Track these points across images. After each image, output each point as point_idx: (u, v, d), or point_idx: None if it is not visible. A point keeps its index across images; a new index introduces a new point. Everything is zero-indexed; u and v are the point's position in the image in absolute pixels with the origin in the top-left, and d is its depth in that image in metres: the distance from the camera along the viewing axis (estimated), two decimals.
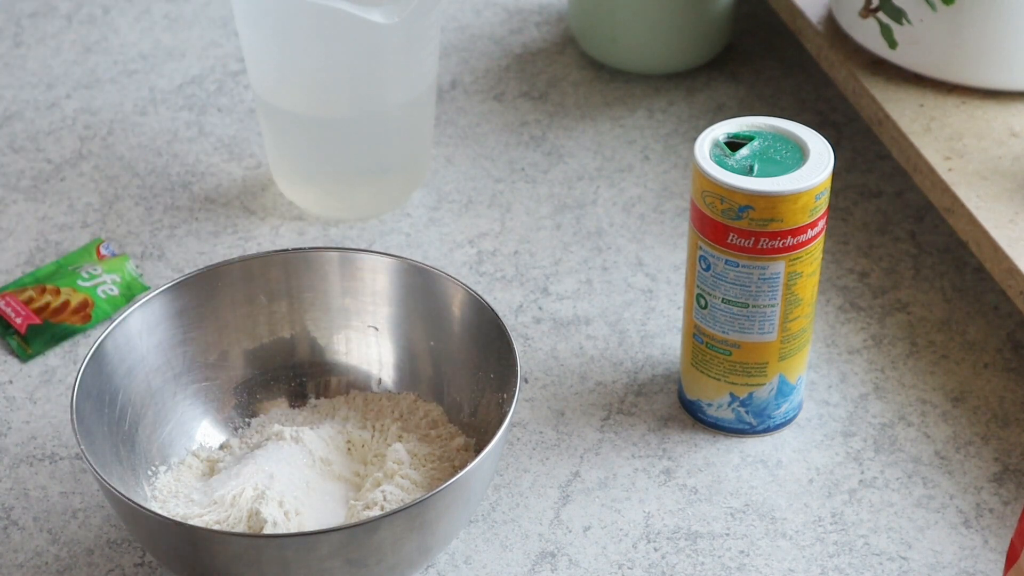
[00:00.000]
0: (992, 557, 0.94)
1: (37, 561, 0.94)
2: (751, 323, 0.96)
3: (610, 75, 1.32)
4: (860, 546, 0.94)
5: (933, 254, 1.15)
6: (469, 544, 0.95)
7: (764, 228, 0.92)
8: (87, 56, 1.35)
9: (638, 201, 1.19)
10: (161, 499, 0.93)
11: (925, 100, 1.13)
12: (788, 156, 0.94)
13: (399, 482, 0.93)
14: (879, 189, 1.21)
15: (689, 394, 1.01)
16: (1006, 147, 1.09)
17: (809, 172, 0.92)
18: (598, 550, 0.94)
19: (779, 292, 0.95)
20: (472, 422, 0.97)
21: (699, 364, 0.99)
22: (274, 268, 1.00)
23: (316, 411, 1.00)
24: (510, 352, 0.93)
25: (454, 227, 1.17)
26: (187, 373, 0.98)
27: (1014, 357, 1.06)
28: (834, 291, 1.12)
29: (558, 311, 1.10)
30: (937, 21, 1.11)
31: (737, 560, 0.94)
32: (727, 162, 0.93)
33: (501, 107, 1.29)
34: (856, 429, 1.02)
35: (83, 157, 1.24)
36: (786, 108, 1.28)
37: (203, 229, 1.17)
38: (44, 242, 1.16)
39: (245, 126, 1.27)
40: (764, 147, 0.94)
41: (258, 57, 1.13)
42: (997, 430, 1.01)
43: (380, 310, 1.01)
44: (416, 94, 1.13)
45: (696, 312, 0.98)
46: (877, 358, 1.06)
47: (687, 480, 0.98)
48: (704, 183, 0.93)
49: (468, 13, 1.40)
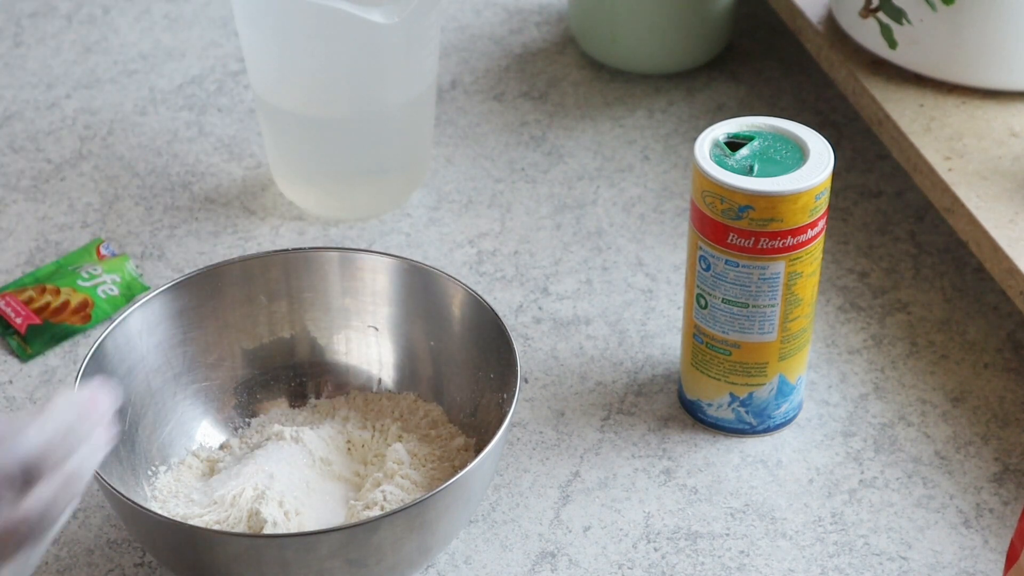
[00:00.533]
0: (992, 557, 0.94)
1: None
2: (751, 323, 0.96)
3: (610, 75, 1.32)
4: (860, 546, 0.94)
5: (933, 254, 1.15)
6: (469, 544, 0.95)
7: (764, 228, 0.92)
8: (87, 56, 1.35)
9: (638, 201, 1.19)
10: (161, 499, 0.93)
11: (925, 100, 1.13)
12: (788, 156, 0.94)
13: (399, 482, 0.93)
14: (879, 189, 1.21)
15: (689, 394, 1.01)
16: (1006, 147, 1.09)
17: (809, 172, 0.92)
18: (598, 550, 0.94)
19: (779, 292, 0.95)
20: (472, 422, 0.97)
21: (699, 364, 0.99)
22: (274, 268, 1.00)
23: (316, 411, 1.00)
24: (510, 352, 0.93)
25: (454, 227, 1.17)
26: (187, 373, 0.98)
27: (1014, 357, 1.06)
28: (834, 291, 1.12)
29: (558, 311, 1.10)
30: (937, 21, 1.11)
31: (737, 560, 0.94)
32: (727, 162, 0.93)
33: (501, 107, 1.29)
34: (856, 429, 1.02)
35: (83, 157, 1.24)
36: (786, 108, 1.28)
37: (203, 229, 1.17)
38: (44, 242, 1.16)
39: (245, 126, 1.27)
40: (764, 147, 0.94)
41: (258, 57, 1.13)
42: (997, 430, 1.01)
43: (380, 310, 1.01)
44: (416, 94, 1.13)
45: (696, 312, 0.98)
46: (877, 358, 1.06)
47: (687, 480, 0.98)
48: (704, 183, 0.93)
49: (468, 13, 1.40)
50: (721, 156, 0.94)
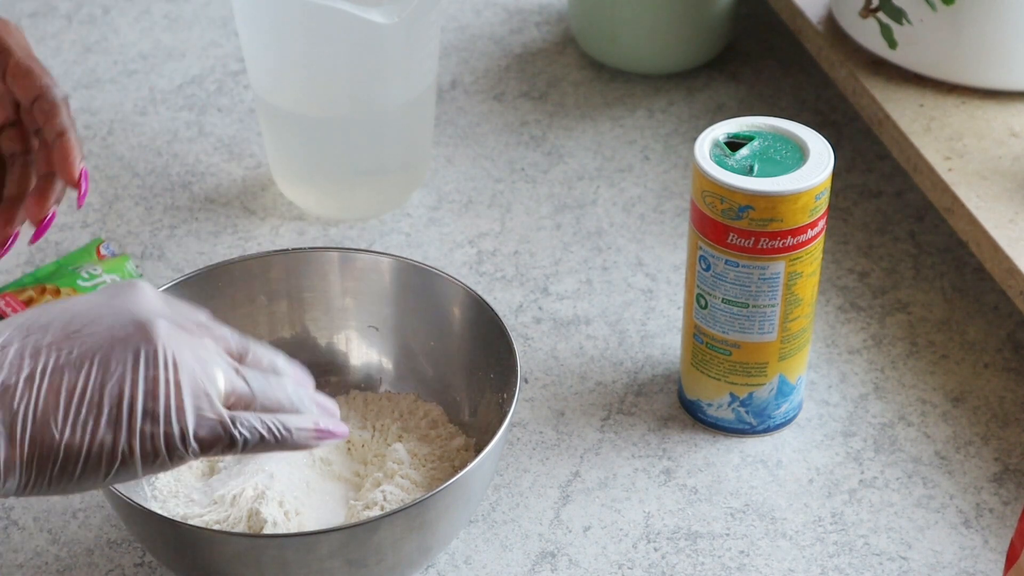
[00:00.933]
0: (992, 557, 0.93)
1: (37, 561, 0.94)
2: (751, 323, 0.96)
3: (610, 75, 1.32)
4: (860, 546, 0.94)
5: (933, 254, 1.15)
6: (469, 544, 0.95)
7: (764, 228, 0.92)
8: (87, 56, 1.35)
9: (638, 201, 1.19)
10: (161, 499, 0.93)
11: (925, 100, 1.13)
12: (788, 156, 0.94)
13: (399, 482, 0.93)
14: (879, 189, 1.21)
15: (689, 394, 1.01)
16: (1006, 147, 1.09)
17: (809, 172, 0.92)
18: (598, 550, 0.94)
19: (779, 292, 0.95)
20: (472, 422, 0.97)
21: (699, 364, 0.99)
22: (274, 268, 1.00)
23: None
24: (510, 352, 0.93)
25: (454, 227, 1.17)
26: None
27: (1014, 357, 1.06)
28: (834, 291, 1.12)
29: (558, 311, 1.10)
30: (937, 21, 1.11)
31: (737, 560, 0.94)
32: (727, 162, 0.93)
33: (501, 107, 1.29)
34: (856, 429, 1.02)
35: (83, 157, 1.23)
36: (786, 108, 1.28)
37: (203, 229, 1.17)
38: (44, 242, 1.16)
39: (245, 126, 1.27)
40: (764, 147, 0.94)
41: (258, 57, 1.13)
42: (997, 430, 1.01)
43: (380, 310, 1.01)
44: (416, 94, 1.13)
45: (696, 312, 0.98)
46: (877, 358, 1.06)
47: (687, 480, 0.98)
48: (704, 183, 0.93)
49: (468, 13, 1.40)
50: (721, 156, 0.94)
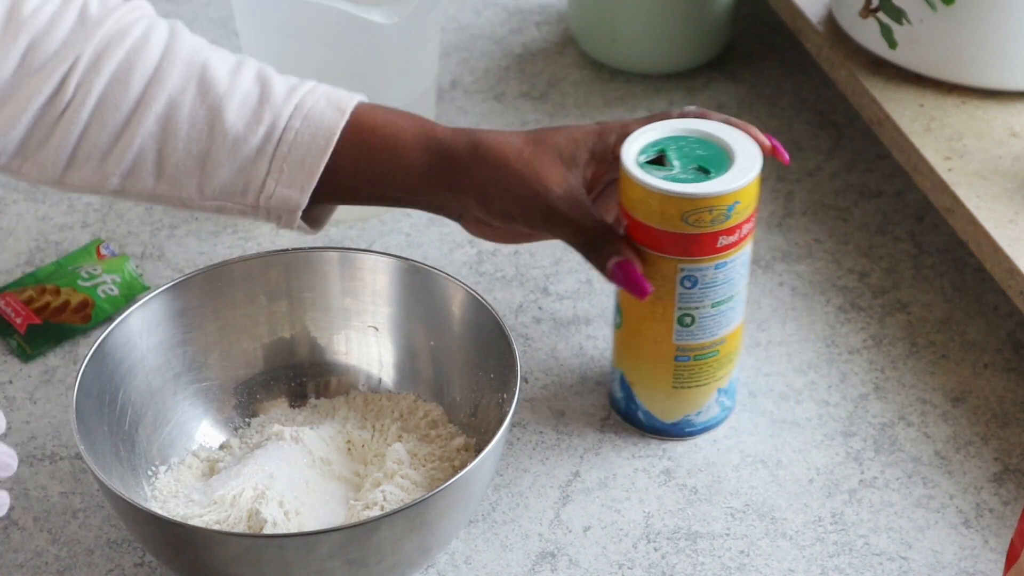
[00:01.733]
0: (992, 557, 0.94)
1: (37, 561, 0.94)
2: (734, 313, 0.97)
3: (610, 75, 1.32)
4: (860, 546, 0.94)
5: (933, 254, 1.15)
6: (469, 544, 0.95)
7: (744, 217, 0.93)
8: None
9: None
10: (161, 499, 0.93)
11: (925, 100, 1.13)
12: (706, 147, 0.93)
13: (399, 482, 0.93)
14: (879, 189, 1.21)
15: (669, 418, 1.00)
16: (1006, 147, 1.09)
17: (743, 151, 0.92)
18: (598, 550, 0.94)
19: (747, 269, 0.96)
20: (472, 422, 0.97)
21: (684, 383, 0.98)
22: (274, 268, 1.00)
23: (316, 411, 1.00)
24: (510, 352, 0.93)
25: (454, 227, 1.17)
26: (187, 373, 0.98)
27: (1014, 357, 1.06)
28: (834, 291, 1.12)
29: (558, 311, 1.10)
30: (937, 21, 1.11)
31: (737, 560, 0.94)
32: (680, 177, 0.92)
33: (501, 107, 1.29)
34: (856, 429, 1.02)
35: None
36: (786, 108, 1.28)
37: (203, 229, 1.17)
38: (44, 242, 1.16)
39: None
40: (680, 151, 0.93)
41: (258, 57, 1.12)
42: (997, 430, 1.01)
43: (380, 310, 1.01)
44: (416, 94, 1.13)
45: (678, 335, 0.96)
46: (877, 358, 1.06)
47: (687, 480, 0.98)
48: (685, 204, 0.91)
49: (468, 13, 1.40)
50: (669, 176, 0.92)
